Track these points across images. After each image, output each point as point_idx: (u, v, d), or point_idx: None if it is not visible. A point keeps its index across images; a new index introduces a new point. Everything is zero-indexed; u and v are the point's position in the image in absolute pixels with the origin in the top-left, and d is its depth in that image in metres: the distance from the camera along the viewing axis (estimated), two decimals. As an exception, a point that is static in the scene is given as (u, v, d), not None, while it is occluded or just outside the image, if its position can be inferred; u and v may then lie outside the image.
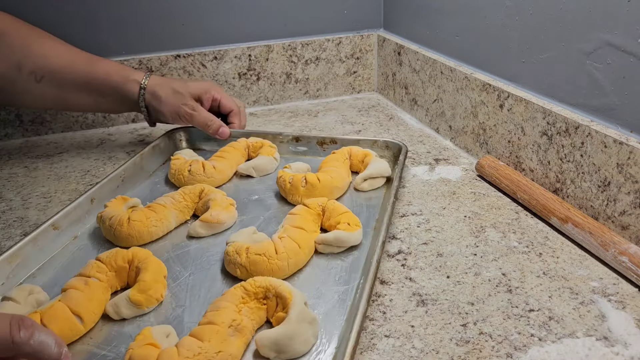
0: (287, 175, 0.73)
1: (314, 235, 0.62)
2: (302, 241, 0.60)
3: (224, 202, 0.69)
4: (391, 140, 0.81)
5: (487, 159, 0.77)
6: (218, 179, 0.77)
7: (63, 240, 0.66)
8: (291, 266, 0.58)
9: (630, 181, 0.58)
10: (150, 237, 0.65)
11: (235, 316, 0.49)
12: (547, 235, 0.64)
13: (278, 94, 1.12)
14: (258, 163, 0.80)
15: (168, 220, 0.67)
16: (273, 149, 0.84)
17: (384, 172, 0.75)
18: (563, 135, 0.66)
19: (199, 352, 0.45)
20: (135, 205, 0.69)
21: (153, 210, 0.66)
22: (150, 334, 0.48)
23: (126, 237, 0.64)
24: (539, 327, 0.50)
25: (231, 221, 0.68)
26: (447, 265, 0.60)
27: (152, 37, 1.01)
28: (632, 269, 0.54)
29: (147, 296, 0.54)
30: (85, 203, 0.70)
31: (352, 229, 0.62)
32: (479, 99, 0.82)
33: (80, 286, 0.53)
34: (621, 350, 0.47)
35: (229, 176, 0.80)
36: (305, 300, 0.50)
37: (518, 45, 0.75)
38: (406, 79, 1.04)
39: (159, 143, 0.87)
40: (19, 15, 0.83)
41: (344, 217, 0.63)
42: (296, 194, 0.71)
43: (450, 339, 0.49)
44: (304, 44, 1.09)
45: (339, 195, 0.73)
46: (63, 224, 0.66)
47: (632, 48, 0.58)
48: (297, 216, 0.63)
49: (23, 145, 0.98)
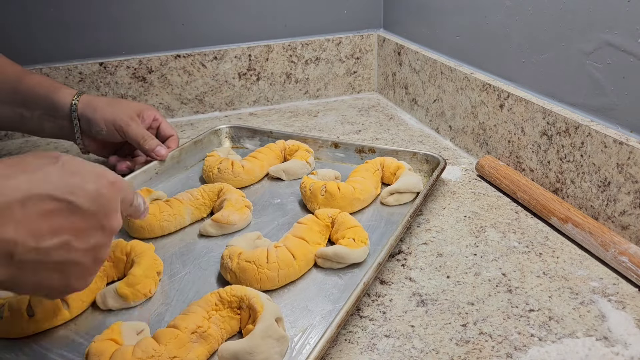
0: (308, 182, 0.70)
1: (315, 248, 0.59)
2: (299, 252, 0.57)
3: (239, 203, 0.68)
4: (431, 153, 0.76)
5: (487, 159, 0.77)
6: (246, 178, 0.77)
7: None
8: (281, 277, 0.56)
9: (630, 181, 0.58)
10: (162, 231, 0.66)
11: (202, 322, 0.48)
12: (547, 235, 0.64)
13: (278, 94, 1.12)
14: (289, 166, 0.79)
15: (182, 216, 0.67)
16: (308, 154, 0.81)
17: (413, 188, 0.70)
18: (563, 135, 0.66)
19: (152, 355, 0.44)
20: (159, 198, 0.70)
21: (169, 205, 0.67)
22: (118, 330, 0.48)
23: (138, 228, 0.65)
24: (539, 327, 0.50)
25: (243, 223, 0.67)
26: (447, 265, 0.60)
27: (152, 37, 1.01)
28: (632, 269, 0.54)
29: (135, 290, 0.54)
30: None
31: (355, 246, 0.58)
32: (479, 99, 0.82)
33: None
34: (621, 350, 0.47)
35: (258, 177, 0.79)
36: (279, 316, 0.48)
37: (518, 45, 0.75)
38: (406, 79, 1.04)
39: (202, 138, 0.87)
40: (20, 15, 0.83)
41: (350, 232, 0.60)
42: (314, 202, 0.69)
43: (450, 339, 0.49)
44: (304, 44, 1.09)
45: (360, 208, 0.69)
46: None
47: (632, 48, 0.58)
48: (303, 226, 0.61)
49: (23, 145, 0.98)
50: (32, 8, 0.94)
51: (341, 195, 0.68)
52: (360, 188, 0.69)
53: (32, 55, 0.96)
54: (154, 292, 0.56)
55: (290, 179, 0.79)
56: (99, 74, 0.99)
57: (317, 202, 0.68)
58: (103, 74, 1.00)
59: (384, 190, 0.71)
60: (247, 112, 1.09)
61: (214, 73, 1.06)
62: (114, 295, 0.54)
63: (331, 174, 0.75)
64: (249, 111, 1.09)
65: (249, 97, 1.10)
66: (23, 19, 0.94)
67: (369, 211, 0.70)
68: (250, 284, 0.55)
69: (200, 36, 1.04)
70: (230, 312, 0.50)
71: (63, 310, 0.52)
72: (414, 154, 0.77)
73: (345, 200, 0.68)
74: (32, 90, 0.76)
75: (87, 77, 0.99)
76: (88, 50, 0.99)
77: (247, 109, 1.10)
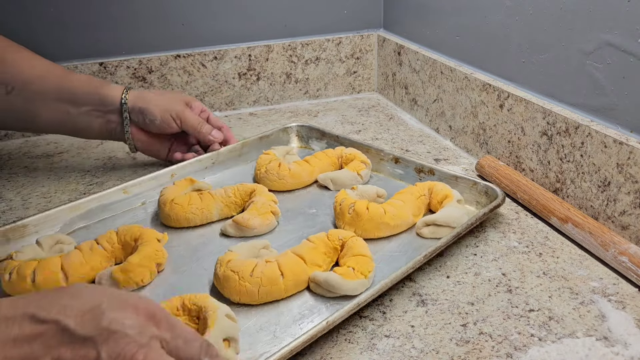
0: (341, 196, 0.66)
1: (312, 269, 0.55)
2: (289, 271, 0.54)
3: (264, 207, 0.65)
4: (493, 187, 0.67)
5: (487, 159, 0.77)
6: (290, 182, 0.74)
7: (130, 203, 0.72)
8: (262, 294, 0.53)
9: (630, 181, 0.58)
10: (187, 223, 0.67)
11: None
12: (547, 235, 0.64)
13: (278, 94, 1.12)
14: (337, 176, 0.74)
15: (209, 210, 0.68)
16: (362, 165, 0.76)
17: (452, 222, 0.61)
18: (563, 135, 0.66)
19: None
20: (202, 188, 0.71)
21: (200, 198, 0.68)
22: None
23: (166, 216, 0.67)
24: (539, 327, 0.50)
25: (263, 229, 0.65)
26: (447, 265, 0.59)
27: (152, 37, 1.01)
28: (632, 269, 0.54)
29: (127, 277, 0.56)
30: (164, 176, 0.75)
31: (352, 276, 0.53)
32: (479, 99, 0.82)
33: (85, 249, 0.58)
34: (621, 350, 0.47)
35: (306, 182, 0.76)
36: (231, 337, 0.46)
37: (518, 45, 0.75)
38: (406, 79, 1.04)
39: (270, 135, 0.86)
40: (20, 15, 0.83)
41: (353, 260, 0.55)
42: (341, 220, 0.64)
43: (450, 339, 0.49)
44: (304, 44, 1.09)
45: (389, 234, 0.63)
46: (134, 190, 0.72)
47: (632, 48, 0.58)
48: (310, 244, 0.57)
49: (23, 145, 0.98)
50: (32, 8, 0.94)
51: (368, 217, 0.62)
52: (393, 212, 0.63)
53: (32, 55, 0.96)
54: (147, 281, 0.57)
55: (338, 189, 0.74)
56: (99, 74, 0.99)
57: (344, 220, 0.64)
58: (103, 74, 1.00)
59: (420, 219, 0.64)
60: (247, 112, 1.09)
61: (214, 73, 1.06)
62: (108, 278, 0.56)
63: (373, 191, 0.69)
64: (249, 111, 1.09)
65: (249, 97, 1.10)
66: (23, 19, 0.94)
67: (398, 239, 0.63)
68: (230, 295, 0.53)
69: (200, 36, 1.04)
70: (189, 319, 0.49)
71: (61, 282, 0.55)
72: (474, 184, 0.68)
73: (372, 223, 0.62)
74: (79, 87, 0.76)
75: (87, 77, 0.99)
76: (88, 50, 0.99)
77: (247, 109, 1.10)
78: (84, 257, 0.58)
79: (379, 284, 0.51)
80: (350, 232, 0.59)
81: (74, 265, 0.56)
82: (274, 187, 0.74)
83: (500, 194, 0.65)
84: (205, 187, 0.71)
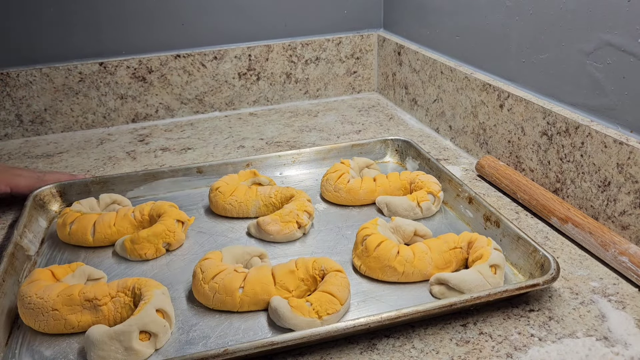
0: (366, 225, 0.60)
1: (280, 293, 0.52)
2: (251, 288, 0.52)
3: (290, 216, 0.64)
4: (549, 256, 0.54)
5: (487, 159, 0.77)
6: (344, 197, 0.71)
7: (200, 182, 0.77)
8: (215, 301, 0.52)
9: (630, 181, 0.58)
10: (225, 212, 0.69)
11: (102, 296, 0.51)
12: (547, 235, 0.64)
13: (278, 94, 1.12)
14: (393, 202, 0.68)
15: (246, 206, 0.69)
16: (427, 197, 0.68)
17: (464, 288, 0.52)
18: (563, 135, 0.66)
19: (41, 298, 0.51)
20: (261, 183, 0.73)
21: (245, 192, 0.70)
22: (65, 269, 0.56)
23: (210, 202, 0.70)
24: (539, 327, 0.50)
25: (280, 237, 0.63)
26: (447, 265, 0.59)
27: (152, 37, 1.01)
28: (632, 269, 0.54)
29: (133, 248, 0.61)
30: (239, 164, 0.79)
31: (303, 312, 0.49)
32: (479, 99, 0.82)
33: (120, 214, 0.65)
34: (621, 350, 0.47)
35: (362, 200, 0.71)
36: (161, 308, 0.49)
37: (518, 45, 0.75)
38: (406, 79, 1.04)
39: (364, 143, 0.84)
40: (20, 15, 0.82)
41: (318, 296, 0.50)
42: (354, 251, 0.60)
43: (450, 339, 0.49)
44: (304, 44, 1.09)
45: (396, 280, 0.56)
46: (208, 171, 0.77)
47: (632, 48, 0.58)
48: (291, 266, 0.54)
49: (23, 145, 0.98)
50: (32, 8, 0.94)
51: (375, 255, 0.56)
52: (407, 258, 0.56)
53: (32, 55, 0.96)
54: (151, 257, 0.61)
55: (391, 215, 0.68)
56: (99, 74, 0.99)
57: (356, 252, 0.59)
58: (103, 74, 1.00)
59: (435, 274, 0.55)
60: (247, 112, 1.09)
61: (214, 73, 1.06)
62: (121, 244, 0.62)
63: (411, 228, 0.61)
64: (249, 111, 1.09)
65: (249, 97, 1.10)
66: (23, 19, 0.94)
67: (406, 289, 0.56)
68: (194, 291, 0.55)
69: (200, 36, 1.04)
70: (132, 302, 0.52)
71: (89, 237, 0.63)
72: (534, 250, 0.56)
73: (377, 262, 0.56)
74: None
75: (87, 77, 0.99)
76: (88, 50, 0.99)
77: (247, 109, 1.10)
78: (116, 220, 0.64)
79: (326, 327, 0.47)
80: (335, 265, 0.54)
81: (103, 227, 0.63)
82: (329, 199, 0.72)
83: (553, 267, 0.52)
84: (265, 182, 0.73)
